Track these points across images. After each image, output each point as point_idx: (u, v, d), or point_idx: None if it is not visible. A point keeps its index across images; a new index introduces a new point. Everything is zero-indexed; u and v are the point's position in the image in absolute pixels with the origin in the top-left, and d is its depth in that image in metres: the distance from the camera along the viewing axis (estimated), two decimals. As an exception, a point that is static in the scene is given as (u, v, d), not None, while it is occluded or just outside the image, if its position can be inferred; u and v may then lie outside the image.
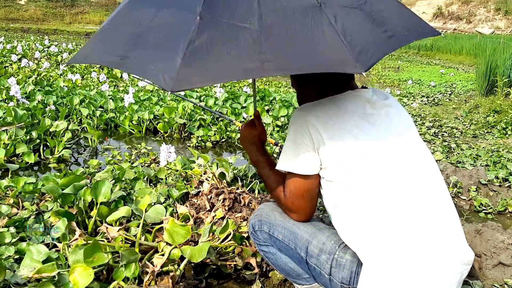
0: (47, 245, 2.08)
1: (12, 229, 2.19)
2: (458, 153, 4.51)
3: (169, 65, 1.16)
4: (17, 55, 9.32)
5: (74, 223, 2.02)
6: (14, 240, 2.10)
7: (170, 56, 1.18)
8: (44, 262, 1.85)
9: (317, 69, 1.27)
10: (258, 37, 1.19)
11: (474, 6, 34.56)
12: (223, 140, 4.77)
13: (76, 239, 1.85)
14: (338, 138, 1.45)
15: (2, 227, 2.20)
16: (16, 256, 1.99)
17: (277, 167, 1.59)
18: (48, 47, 12.23)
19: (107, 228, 1.87)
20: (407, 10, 1.61)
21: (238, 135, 4.69)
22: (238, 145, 4.67)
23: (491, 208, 3.15)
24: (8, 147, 3.57)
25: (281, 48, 1.21)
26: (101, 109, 5.18)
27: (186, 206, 2.46)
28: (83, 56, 1.58)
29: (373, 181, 1.43)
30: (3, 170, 3.35)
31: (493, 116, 6.07)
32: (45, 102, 5.07)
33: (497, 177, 3.47)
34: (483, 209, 3.15)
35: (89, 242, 1.76)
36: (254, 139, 1.79)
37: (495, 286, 2.05)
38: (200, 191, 2.64)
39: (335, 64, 1.23)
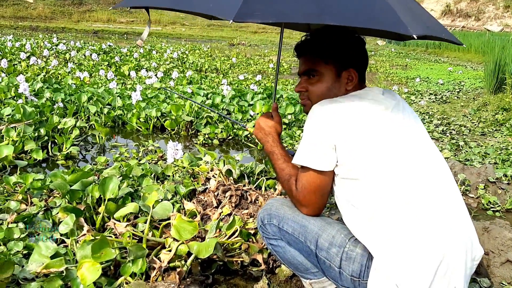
0: (55, 240, 2.11)
1: (21, 225, 2.21)
2: (466, 151, 4.48)
3: (230, 1, 1.23)
4: (25, 53, 9.36)
5: (82, 219, 2.03)
6: (23, 235, 2.12)
7: None
8: (52, 257, 1.86)
9: (373, 25, 1.32)
10: None
11: (483, 3, 34.32)
12: (230, 137, 4.77)
13: (84, 234, 1.87)
14: (355, 136, 1.47)
15: (11, 223, 2.23)
16: (25, 252, 2.01)
17: (293, 161, 1.60)
18: (57, 45, 12.28)
19: (114, 224, 1.88)
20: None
21: (246, 133, 4.69)
22: (245, 142, 4.67)
23: (499, 206, 3.13)
24: (16, 144, 3.60)
25: (340, 1, 1.29)
26: (109, 107, 5.21)
27: (193, 203, 2.46)
28: (135, 0, 1.59)
29: (387, 178, 1.44)
30: (12, 166, 3.37)
31: (502, 114, 6.02)
32: (54, 99, 5.10)
33: (505, 175, 3.45)
34: (491, 207, 3.13)
35: (96, 237, 1.77)
36: (271, 130, 1.79)
37: (503, 284, 2.04)
38: (207, 188, 2.64)
39: (390, 23, 1.29)
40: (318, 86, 1.68)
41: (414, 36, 1.22)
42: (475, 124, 5.87)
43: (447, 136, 5.24)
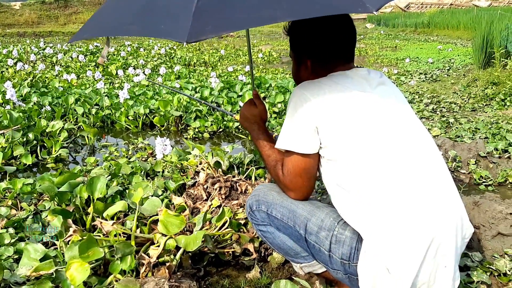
0: (46, 243, 2.11)
1: (11, 230, 2.21)
2: (457, 128, 4.48)
3: (180, 21, 1.18)
4: (12, 59, 9.32)
5: (69, 220, 2.02)
6: (13, 240, 2.12)
7: (181, 13, 1.20)
8: (41, 260, 1.86)
9: (330, 11, 1.27)
10: None
11: (470, -21, 34.16)
12: (221, 130, 4.76)
13: (71, 235, 1.86)
14: (338, 117, 1.45)
15: (2, 228, 2.22)
16: (16, 256, 2.01)
17: (276, 146, 1.59)
18: (44, 49, 12.22)
19: (101, 222, 1.87)
20: None
21: (236, 124, 4.68)
22: (236, 134, 4.66)
23: (491, 180, 3.13)
24: (5, 150, 3.58)
25: None
26: (97, 107, 5.18)
27: (183, 197, 2.45)
28: (88, 31, 1.58)
29: (373, 158, 1.43)
30: (2, 173, 3.36)
31: (492, 88, 6.02)
32: (41, 103, 5.08)
33: (496, 149, 3.45)
34: (483, 182, 3.14)
35: (84, 238, 1.76)
36: (255, 118, 1.78)
37: (495, 257, 2.04)
38: (196, 181, 2.63)
39: (347, 5, 1.24)
40: (292, 68, 1.74)
41: (374, 13, 1.17)
42: (465, 100, 5.87)
43: (437, 114, 5.24)
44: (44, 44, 14.39)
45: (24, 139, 3.88)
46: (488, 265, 1.98)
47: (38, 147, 3.87)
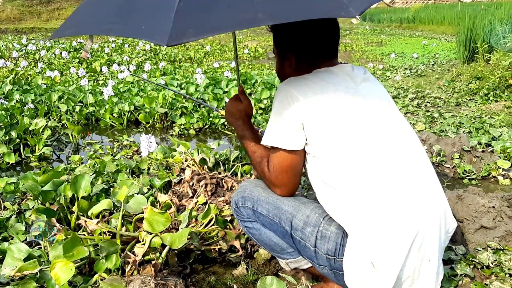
0: (30, 243, 2.08)
1: (-6, 230, 2.18)
2: (441, 122, 4.52)
3: (161, 22, 1.15)
4: (-6, 56, 9.18)
5: (54, 219, 1.99)
6: (-4, 241, 2.09)
7: (161, 14, 1.18)
8: (25, 260, 1.84)
9: (312, 15, 1.25)
10: None
11: (454, -25, 34.46)
12: (207, 126, 4.74)
13: (55, 234, 1.84)
14: (323, 113, 1.45)
15: (-16, 229, 2.19)
16: (0, 256, 1.98)
17: (262, 142, 1.59)
18: (26, 46, 12.03)
19: (85, 221, 1.85)
20: None
21: (222, 121, 4.66)
22: (222, 130, 4.64)
23: (475, 174, 3.17)
24: (-13, 149, 3.52)
25: None
26: (81, 104, 5.12)
27: (169, 195, 2.44)
28: (68, 29, 1.53)
29: (357, 155, 1.44)
30: (-16, 172, 3.31)
31: (475, 83, 6.08)
32: (24, 100, 5.00)
33: (479, 143, 3.49)
34: (467, 176, 3.17)
35: (68, 237, 1.74)
36: (241, 114, 1.77)
37: (478, 250, 2.07)
38: (182, 178, 2.62)
39: (329, 9, 1.22)
40: (276, 64, 1.73)
41: (357, 17, 1.17)
42: (450, 95, 5.93)
43: (422, 109, 5.28)
44: (27, 41, 14.17)
45: (7, 138, 3.83)
46: (472, 258, 2.01)
47: (21, 146, 3.81)
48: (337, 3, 1.19)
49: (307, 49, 1.59)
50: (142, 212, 2.08)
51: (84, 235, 1.92)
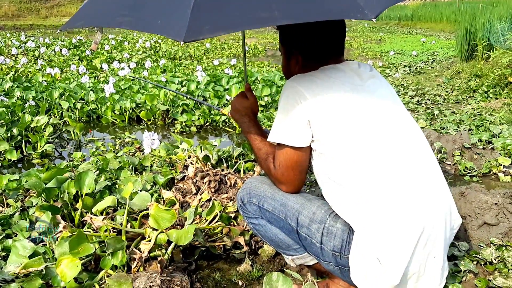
0: (34, 240, 2.08)
1: (-2, 227, 2.18)
2: (442, 119, 4.54)
3: (178, 17, 1.14)
4: (-7, 53, 9.16)
5: (58, 216, 2.00)
6: (0, 237, 2.09)
7: (178, 9, 1.17)
8: (30, 256, 1.84)
9: (328, 17, 1.25)
10: None
11: (452, -28, 34.42)
12: (208, 123, 4.75)
13: (61, 231, 1.84)
14: (330, 110, 1.46)
15: (-13, 226, 2.19)
16: (3, 254, 1.98)
17: (268, 139, 1.58)
18: (25, 43, 12.02)
19: (91, 218, 1.85)
20: None
21: (223, 118, 4.67)
22: (223, 128, 4.65)
23: (476, 171, 3.18)
24: (-11, 146, 3.53)
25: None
26: (82, 101, 5.12)
27: (172, 191, 2.45)
28: (79, 20, 1.52)
29: (364, 151, 1.44)
30: (-14, 169, 3.31)
31: (475, 80, 6.09)
32: (24, 98, 5.00)
33: (480, 140, 3.50)
34: (468, 172, 3.18)
35: (74, 233, 1.75)
36: (247, 111, 1.77)
37: (481, 246, 2.08)
38: (185, 175, 2.63)
39: (345, 11, 1.22)
40: (282, 62, 1.74)
41: (373, 20, 1.14)
42: (449, 93, 5.94)
43: (422, 106, 5.30)
44: (26, 38, 14.15)
45: (8, 135, 3.83)
46: (475, 254, 2.02)
47: (23, 143, 3.81)
48: (353, 5, 1.19)
49: (313, 47, 1.59)
50: (147, 209, 2.09)
51: (89, 232, 1.92)
